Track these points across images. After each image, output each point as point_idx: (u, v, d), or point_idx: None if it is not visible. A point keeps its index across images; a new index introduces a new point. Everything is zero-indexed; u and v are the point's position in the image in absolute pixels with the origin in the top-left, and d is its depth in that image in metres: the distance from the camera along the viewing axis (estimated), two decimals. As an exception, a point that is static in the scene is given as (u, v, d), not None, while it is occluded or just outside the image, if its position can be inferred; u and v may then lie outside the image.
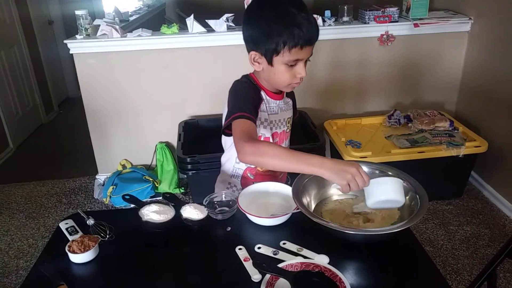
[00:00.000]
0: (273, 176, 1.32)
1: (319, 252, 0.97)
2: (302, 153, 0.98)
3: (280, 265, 0.91)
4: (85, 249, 0.97)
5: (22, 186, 2.89)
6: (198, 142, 2.44)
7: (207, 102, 2.67)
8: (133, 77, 2.60)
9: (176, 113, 2.69)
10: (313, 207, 1.13)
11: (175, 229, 1.06)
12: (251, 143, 1.01)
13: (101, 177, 2.81)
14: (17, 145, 3.50)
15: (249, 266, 0.94)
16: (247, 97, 1.16)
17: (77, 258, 0.97)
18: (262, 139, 1.24)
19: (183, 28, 2.58)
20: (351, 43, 2.65)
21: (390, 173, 1.16)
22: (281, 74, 1.12)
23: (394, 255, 1.00)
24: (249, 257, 0.97)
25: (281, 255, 0.97)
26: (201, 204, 1.12)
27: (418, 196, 1.06)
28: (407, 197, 1.09)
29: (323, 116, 2.76)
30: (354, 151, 2.30)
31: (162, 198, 1.21)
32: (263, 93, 1.21)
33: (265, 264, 0.89)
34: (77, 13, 2.44)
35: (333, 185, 1.00)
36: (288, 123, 1.31)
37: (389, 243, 1.00)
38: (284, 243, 1.01)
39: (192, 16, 2.50)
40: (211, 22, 2.49)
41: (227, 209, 1.14)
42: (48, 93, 4.13)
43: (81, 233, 1.05)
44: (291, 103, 1.32)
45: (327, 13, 2.59)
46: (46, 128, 3.95)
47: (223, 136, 1.26)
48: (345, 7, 2.58)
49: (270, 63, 1.11)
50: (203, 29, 2.49)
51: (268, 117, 1.23)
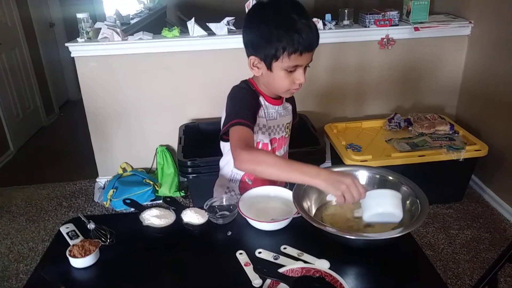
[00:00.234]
0: (272, 181, 1.31)
1: (319, 257, 0.97)
2: (298, 163, 0.99)
3: (280, 270, 0.91)
4: (85, 254, 0.97)
5: (22, 189, 2.89)
6: (198, 145, 2.44)
7: (208, 105, 2.67)
8: (134, 80, 2.60)
9: (176, 116, 2.70)
10: (313, 211, 1.13)
11: (176, 233, 1.06)
12: (248, 151, 1.01)
13: (101, 180, 2.81)
14: (17, 147, 3.50)
15: (249, 271, 0.94)
16: (245, 103, 1.16)
17: (77, 262, 0.97)
18: (260, 144, 1.24)
19: (184, 31, 2.59)
20: (352, 47, 2.66)
21: (390, 178, 1.16)
22: (280, 79, 1.12)
23: (394, 259, 1.00)
24: (249, 261, 0.97)
25: (282, 260, 0.97)
26: (201, 208, 1.13)
27: (418, 200, 1.06)
28: (407, 202, 1.10)
29: (324, 119, 2.76)
30: (354, 154, 2.30)
31: (162, 202, 1.21)
32: (261, 99, 1.21)
33: (265, 269, 0.89)
34: (79, 16, 2.45)
35: (329, 196, 0.99)
36: (287, 128, 1.30)
37: (390, 247, 1.00)
38: (284, 248, 1.01)
39: (193, 19, 2.51)
40: (212, 25, 2.50)
41: (227, 213, 1.14)
42: (48, 96, 4.14)
43: (81, 238, 1.05)
44: (290, 108, 1.32)
45: (328, 16, 2.60)
46: (46, 130, 3.95)
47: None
48: (346, 11, 2.59)
49: (269, 68, 1.11)
50: (204, 33, 2.50)
51: (266, 123, 1.22)
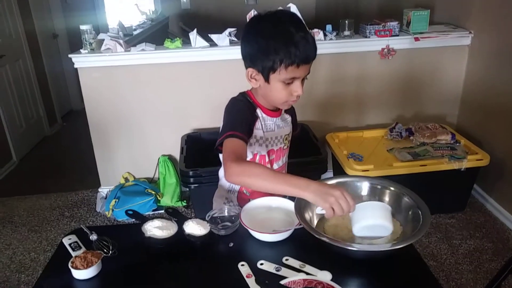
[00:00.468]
0: (269, 193, 1.31)
1: (322, 268, 0.97)
2: (288, 175, 1.00)
3: (282, 282, 0.91)
4: (88, 265, 0.97)
5: (24, 199, 2.90)
6: (200, 155, 2.44)
7: (210, 115, 2.69)
8: (137, 91, 2.62)
9: (179, 126, 2.71)
10: (315, 222, 1.14)
11: (178, 244, 1.06)
12: (238, 163, 1.02)
13: (103, 190, 2.81)
14: (20, 157, 3.51)
15: (251, 282, 0.94)
16: (240, 115, 1.17)
17: (80, 274, 0.97)
18: (257, 156, 1.24)
19: (186, 41, 2.61)
20: (353, 57, 2.68)
21: (392, 188, 1.16)
22: (278, 91, 1.12)
23: (397, 271, 1.00)
24: (251, 273, 0.97)
25: (284, 272, 0.97)
26: (203, 219, 1.13)
27: (420, 211, 1.06)
28: (409, 212, 1.10)
29: (325, 129, 2.77)
30: (356, 164, 2.30)
31: (164, 212, 1.21)
32: (259, 111, 1.21)
33: (267, 281, 0.89)
34: (82, 28, 2.47)
35: (318, 209, 0.99)
36: (285, 140, 1.30)
37: (392, 258, 1.00)
38: (286, 259, 1.01)
39: (195, 30, 2.53)
40: (213, 36, 2.53)
41: (229, 224, 1.14)
42: (51, 106, 4.17)
43: (84, 249, 1.06)
44: (289, 119, 1.32)
45: (328, 27, 2.62)
46: (49, 140, 3.97)
47: None
48: (346, 22, 2.61)
49: (267, 80, 1.12)
50: (206, 43, 2.52)
51: (263, 134, 1.23)
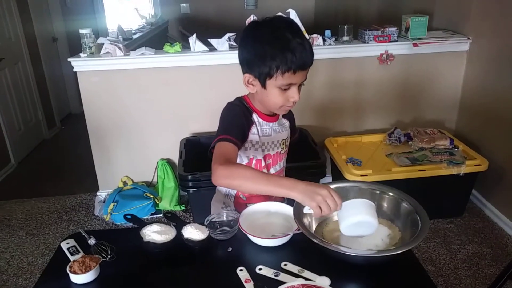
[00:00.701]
0: (266, 197, 1.30)
1: (320, 273, 0.97)
2: (275, 176, 1.00)
3: (281, 287, 0.91)
4: (86, 270, 0.97)
5: (22, 202, 2.89)
6: (199, 159, 2.43)
7: (209, 119, 2.69)
8: (136, 95, 2.62)
9: (177, 130, 2.71)
10: (314, 227, 1.14)
11: (176, 249, 1.06)
12: (225, 166, 1.02)
13: (102, 194, 2.81)
14: (18, 160, 3.51)
15: (250, 287, 0.94)
16: (235, 120, 1.18)
17: (78, 278, 0.97)
18: (253, 161, 1.25)
19: (186, 45, 2.62)
20: (351, 62, 2.69)
21: (390, 194, 1.17)
22: (274, 97, 1.13)
23: (395, 276, 1.00)
24: (250, 278, 0.97)
25: (282, 277, 0.97)
26: (202, 224, 1.13)
27: (419, 217, 1.06)
28: (408, 218, 1.10)
29: (324, 133, 2.77)
30: (354, 169, 2.30)
31: (163, 217, 1.21)
32: (255, 116, 1.22)
33: (266, 286, 0.89)
34: (82, 31, 2.48)
35: (305, 209, 0.99)
36: (282, 144, 1.31)
37: (391, 264, 1.00)
38: (285, 264, 1.01)
39: (194, 35, 2.54)
40: (213, 41, 2.53)
41: (228, 229, 1.14)
42: (50, 109, 4.16)
43: (82, 253, 1.05)
44: (287, 124, 1.32)
45: (327, 32, 2.63)
46: (48, 144, 3.96)
47: None
48: (345, 27, 2.62)
49: (263, 86, 1.13)
50: (205, 48, 2.53)
51: (259, 139, 1.23)
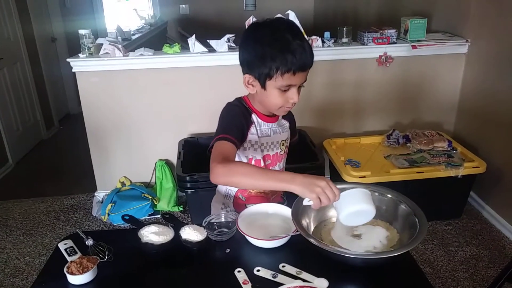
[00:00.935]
0: (266, 198, 1.31)
1: (318, 275, 0.97)
2: (273, 171, 1.01)
3: (279, 289, 0.91)
4: (83, 271, 0.97)
5: (20, 202, 2.88)
6: (198, 160, 2.43)
7: (208, 120, 2.68)
8: (135, 95, 2.62)
9: (176, 131, 2.71)
10: (312, 229, 1.14)
11: (174, 250, 1.06)
12: (223, 164, 1.03)
13: (100, 194, 2.80)
14: (16, 160, 3.50)
15: (248, 289, 0.94)
16: (234, 120, 1.18)
17: (75, 279, 0.97)
18: (253, 161, 1.25)
19: (185, 46, 2.62)
20: (350, 64, 2.69)
21: (389, 195, 1.17)
22: (274, 98, 1.14)
23: (393, 278, 1.00)
24: (248, 280, 0.96)
25: (280, 278, 0.97)
26: (200, 225, 1.13)
27: (417, 219, 1.06)
28: (406, 220, 1.10)
29: (323, 135, 2.77)
30: (353, 170, 2.30)
31: (161, 217, 1.21)
32: (254, 116, 1.23)
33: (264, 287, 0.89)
34: (81, 32, 2.47)
35: (305, 201, 1.00)
36: (282, 145, 1.31)
37: (389, 265, 1.00)
38: (283, 266, 1.01)
39: (193, 36, 2.54)
40: (212, 42, 2.53)
41: (226, 230, 1.14)
42: (49, 109, 4.15)
43: (79, 254, 1.05)
44: (287, 125, 1.33)
45: (327, 34, 2.64)
46: (46, 144, 3.95)
47: None
48: (344, 29, 2.62)
49: (263, 86, 1.13)
50: (205, 49, 2.53)
51: (258, 139, 1.24)
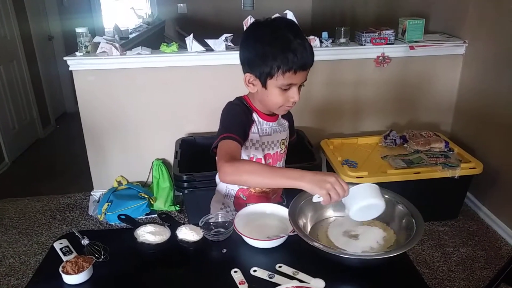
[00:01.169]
0: (266, 197, 1.31)
1: (315, 275, 0.97)
2: (281, 168, 1.01)
3: (275, 289, 0.90)
4: (79, 270, 0.96)
5: (16, 201, 2.86)
6: (195, 159, 2.44)
7: (205, 120, 2.68)
8: (132, 94, 2.61)
9: (173, 130, 2.70)
10: (309, 229, 1.13)
11: (171, 250, 1.06)
12: (231, 163, 1.03)
13: (96, 194, 2.79)
14: (12, 159, 3.48)
15: (244, 289, 0.93)
16: (236, 119, 1.18)
17: (70, 279, 0.96)
18: (254, 160, 1.25)
19: (183, 46, 2.61)
20: (348, 64, 2.69)
21: (386, 196, 1.16)
22: (274, 97, 1.14)
23: (389, 278, 1.00)
24: (244, 280, 0.96)
25: (277, 279, 0.97)
26: (196, 225, 1.12)
27: (414, 220, 1.06)
28: (403, 221, 1.11)
29: (320, 135, 2.77)
30: (350, 170, 2.30)
31: (157, 217, 1.20)
32: (255, 115, 1.23)
33: (260, 288, 0.89)
34: (78, 30, 2.46)
35: (315, 197, 1.00)
36: (282, 144, 1.31)
37: (385, 266, 1.00)
38: (280, 266, 1.01)
39: (191, 35, 2.53)
40: (210, 41, 2.53)
41: (223, 230, 1.13)
42: (45, 108, 4.13)
43: (75, 254, 1.04)
44: (286, 124, 1.33)
45: (324, 34, 2.64)
46: (42, 142, 3.93)
47: None
48: (342, 29, 2.62)
49: (264, 86, 1.13)
50: (202, 48, 2.52)
51: (259, 138, 1.24)
